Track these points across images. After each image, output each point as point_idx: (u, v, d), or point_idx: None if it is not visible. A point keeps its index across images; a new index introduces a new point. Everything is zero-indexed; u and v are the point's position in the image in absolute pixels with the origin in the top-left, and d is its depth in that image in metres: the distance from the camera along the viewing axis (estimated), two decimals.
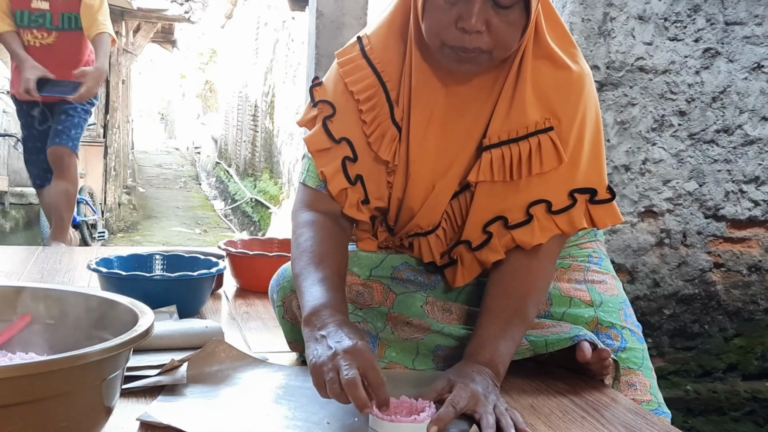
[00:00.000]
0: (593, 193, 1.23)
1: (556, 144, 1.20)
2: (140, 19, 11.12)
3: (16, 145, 8.02)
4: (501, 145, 1.21)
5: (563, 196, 1.22)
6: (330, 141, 1.27)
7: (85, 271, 1.61)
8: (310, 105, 1.32)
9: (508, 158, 1.21)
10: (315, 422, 1.04)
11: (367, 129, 1.26)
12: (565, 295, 1.35)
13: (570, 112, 1.21)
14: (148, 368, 1.19)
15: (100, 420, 0.88)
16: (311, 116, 1.31)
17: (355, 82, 1.26)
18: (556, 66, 1.22)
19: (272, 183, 10.69)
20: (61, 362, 0.77)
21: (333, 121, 1.27)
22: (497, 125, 1.22)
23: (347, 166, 1.26)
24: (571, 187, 1.22)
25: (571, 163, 1.21)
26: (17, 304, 1.03)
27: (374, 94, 1.25)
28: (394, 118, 1.25)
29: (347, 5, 2.57)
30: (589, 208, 1.23)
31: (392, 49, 1.26)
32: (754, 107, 3.05)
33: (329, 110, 1.28)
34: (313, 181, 1.31)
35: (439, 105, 1.23)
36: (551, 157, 1.20)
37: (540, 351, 1.24)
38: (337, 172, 1.26)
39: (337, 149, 1.27)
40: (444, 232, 1.29)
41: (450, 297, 1.35)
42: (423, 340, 1.28)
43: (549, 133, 1.20)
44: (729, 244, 3.09)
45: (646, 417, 1.16)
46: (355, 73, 1.26)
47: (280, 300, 1.32)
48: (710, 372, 3.10)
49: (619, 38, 2.88)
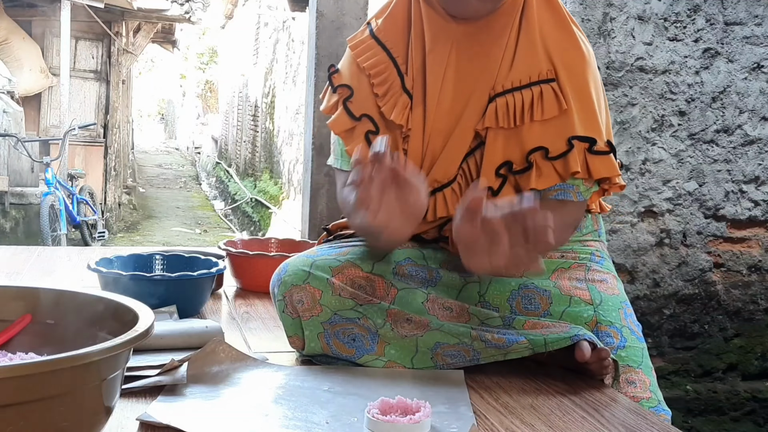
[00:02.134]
0: (592, 143, 1.28)
1: (557, 93, 1.27)
2: (140, 20, 11.12)
3: (16, 145, 8.03)
4: (506, 94, 1.29)
5: (561, 142, 1.28)
6: (352, 120, 1.37)
7: (85, 271, 1.61)
8: (331, 92, 1.42)
9: (512, 105, 1.29)
10: (315, 422, 1.04)
11: (380, 101, 1.35)
12: (566, 293, 1.35)
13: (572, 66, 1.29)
14: (148, 368, 1.19)
15: (100, 420, 0.88)
16: (333, 102, 1.41)
17: (366, 59, 1.37)
18: (561, 22, 1.31)
19: (272, 183, 10.70)
20: (61, 362, 0.77)
21: (352, 101, 1.38)
22: (503, 74, 1.30)
23: (371, 139, 1.35)
24: (568, 135, 1.28)
25: (570, 113, 1.28)
26: (17, 304, 1.03)
27: (384, 69, 1.36)
28: (405, 87, 1.34)
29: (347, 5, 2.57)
30: (586, 157, 1.29)
31: (399, 26, 1.37)
32: (754, 107, 3.05)
33: (347, 92, 1.38)
34: (347, 164, 1.40)
35: (451, 61, 1.33)
36: (552, 105, 1.27)
37: (539, 350, 1.24)
38: (361, 151, 1.32)
39: (360, 126, 1.37)
40: (459, 186, 1.35)
41: (451, 294, 1.35)
42: (422, 337, 1.28)
43: (551, 84, 1.28)
44: (729, 244, 3.09)
45: (646, 417, 1.16)
46: (366, 53, 1.37)
47: (281, 294, 1.33)
48: (710, 372, 3.10)
49: (618, 38, 2.88)
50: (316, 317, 1.27)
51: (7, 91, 8.57)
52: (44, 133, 9.92)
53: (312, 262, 1.30)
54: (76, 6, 9.28)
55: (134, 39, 11.35)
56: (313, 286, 1.27)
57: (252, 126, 12.67)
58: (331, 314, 1.27)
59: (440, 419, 1.06)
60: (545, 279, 1.36)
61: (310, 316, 1.29)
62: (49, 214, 7.27)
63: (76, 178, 8.53)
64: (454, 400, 1.14)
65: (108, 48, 10.60)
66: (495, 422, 1.08)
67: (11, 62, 9.22)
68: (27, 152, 8.02)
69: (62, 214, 7.56)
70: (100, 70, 10.62)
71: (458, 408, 1.11)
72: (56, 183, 7.71)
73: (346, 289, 1.28)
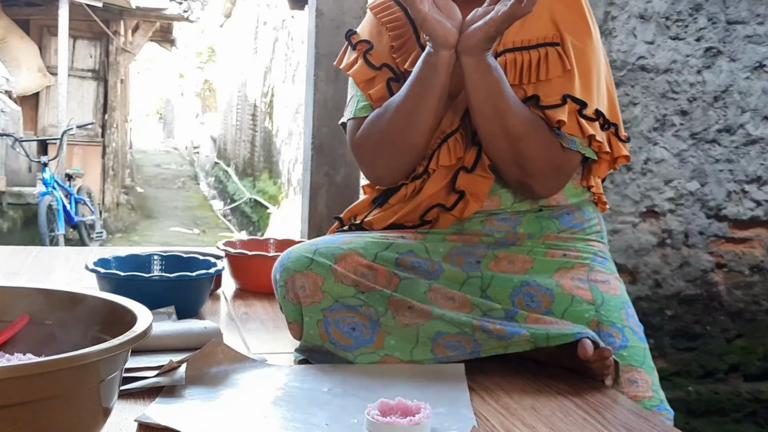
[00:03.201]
0: (583, 106, 1.34)
1: (561, 56, 1.34)
2: (139, 18, 11.13)
3: (13, 145, 8.02)
4: (514, 51, 1.36)
5: (555, 97, 1.34)
6: (372, 70, 1.45)
7: (83, 271, 1.61)
8: (351, 50, 1.49)
9: (519, 62, 1.36)
10: (314, 424, 1.04)
11: (395, 53, 1.44)
12: (567, 293, 1.35)
13: (576, 36, 1.36)
14: (146, 369, 1.18)
15: (99, 421, 0.87)
16: (352, 58, 1.48)
17: (385, 15, 1.47)
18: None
19: (271, 183, 10.70)
20: (59, 363, 0.76)
21: (372, 54, 1.46)
22: (512, 32, 1.36)
23: (392, 87, 1.42)
24: (564, 92, 1.33)
25: (572, 75, 1.33)
26: (15, 305, 1.03)
27: (402, 25, 1.45)
28: (419, 41, 1.42)
29: (347, 4, 2.56)
30: (578, 118, 1.34)
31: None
32: (756, 107, 3.05)
33: (367, 46, 1.46)
34: (363, 111, 1.46)
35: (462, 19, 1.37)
36: (556, 66, 1.34)
37: (541, 344, 1.24)
38: (384, 92, 1.43)
39: (380, 75, 1.44)
40: (462, 136, 1.40)
41: (453, 287, 1.35)
42: (424, 326, 1.28)
43: (556, 47, 1.35)
44: (731, 244, 3.09)
45: (648, 418, 1.16)
46: (386, 11, 1.48)
47: (282, 280, 1.33)
48: (712, 373, 3.10)
49: (620, 37, 2.87)
50: (317, 304, 1.28)
51: (4, 90, 8.57)
52: (42, 132, 9.93)
53: (315, 249, 1.32)
54: (74, 5, 9.28)
55: (132, 38, 11.36)
56: (316, 272, 1.28)
57: (251, 125, 12.68)
58: (332, 301, 1.28)
59: (440, 421, 1.05)
60: (548, 278, 1.36)
61: (311, 303, 1.30)
62: (46, 214, 7.28)
63: (74, 177, 8.53)
64: (454, 401, 1.14)
65: (106, 47, 10.60)
66: (496, 424, 1.08)
67: (9, 61, 9.22)
68: (25, 152, 8.02)
69: (60, 214, 7.56)
70: (98, 70, 10.63)
71: (459, 409, 1.11)
72: (54, 183, 7.71)
73: (349, 276, 1.28)
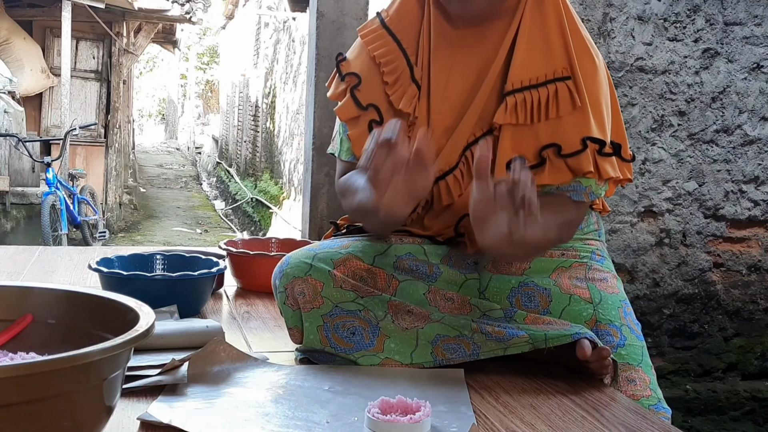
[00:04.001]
0: (602, 145, 1.31)
1: (572, 91, 1.30)
2: (141, 20, 11.12)
3: (17, 145, 8.03)
4: (523, 90, 1.31)
5: (575, 141, 1.30)
6: (358, 109, 1.39)
7: (86, 270, 1.62)
8: (338, 79, 1.43)
9: (529, 102, 1.30)
10: (315, 422, 1.04)
11: (389, 89, 1.37)
12: (565, 292, 1.36)
13: (584, 68, 1.31)
14: (148, 368, 1.19)
15: (101, 420, 0.88)
16: (341, 90, 1.42)
17: (377, 48, 1.39)
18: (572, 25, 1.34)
19: (273, 183, 10.69)
20: (62, 362, 0.77)
21: (360, 90, 1.40)
22: (518, 71, 1.32)
23: (374, 129, 1.35)
24: (583, 134, 1.30)
25: (585, 113, 1.30)
26: (18, 304, 1.03)
27: (395, 59, 1.38)
28: (414, 77, 1.37)
29: (348, 6, 2.57)
30: (596, 158, 1.31)
31: (409, 16, 1.40)
32: (754, 107, 3.05)
33: (355, 80, 1.40)
34: (346, 154, 1.43)
35: (458, 57, 1.35)
36: (567, 102, 1.29)
37: (539, 345, 1.24)
38: (363, 134, 1.38)
39: (365, 115, 1.39)
40: (462, 174, 1.36)
41: (452, 288, 1.36)
42: (423, 329, 1.28)
43: (566, 82, 1.30)
44: (729, 243, 3.09)
45: (646, 416, 1.16)
46: (377, 42, 1.40)
47: (282, 286, 1.33)
48: (710, 372, 3.10)
49: (618, 38, 2.88)
50: (316, 309, 1.27)
51: (8, 91, 8.57)
52: (45, 133, 9.93)
53: (314, 254, 1.31)
54: (77, 6, 9.28)
55: (135, 39, 11.34)
56: (315, 278, 1.28)
57: (252, 126, 12.66)
58: (332, 306, 1.28)
59: (440, 419, 1.06)
60: (545, 277, 1.37)
61: (310, 308, 1.30)
62: (50, 213, 7.28)
63: (77, 178, 8.53)
64: (454, 399, 1.15)
65: (109, 48, 10.60)
66: (495, 422, 1.09)
67: (12, 62, 9.22)
68: (28, 152, 8.03)
69: (63, 213, 7.56)
70: (101, 71, 10.63)
71: (458, 407, 1.11)
72: (57, 183, 7.71)
73: (348, 281, 1.28)
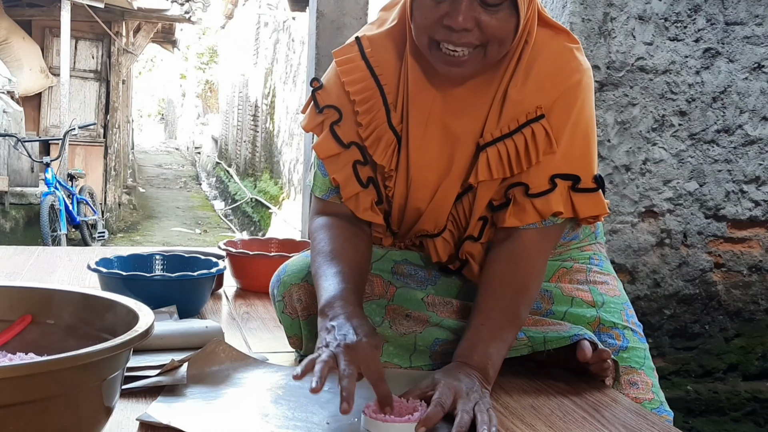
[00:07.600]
0: (576, 181, 1.22)
1: (547, 131, 1.20)
2: (140, 20, 11.12)
3: (16, 145, 8.02)
4: (496, 142, 1.21)
5: (543, 180, 1.21)
6: (339, 147, 1.27)
7: (85, 271, 1.61)
8: (315, 110, 1.30)
9: (504, 154, 1.21)
10: (315, 422, 1.04)
11: (362, 132, 1.26)
12: (567, 294, 1.35)
13: (567, 97, 1.21)
14: (148, 368, 1.19)
15: (100, 420, 0.88)
16: (318, 122, 1.29)
17: (353, 82, 1.26)
18: (559, 48, 1.23)
19: (272, 183, 10.70)
20: (61, 362, 0.77)
21: (340, 125, 1.27)
22: (492, 123, 1.22)
23: (358, 170, 1.27)
24: (552, 173, 1.21)
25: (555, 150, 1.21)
26: (17, 304, 1.03)
27: (371, 97, 1.25)
28: (391, 122, 1.25)
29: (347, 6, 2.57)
30: (571, 195, 1.22)
31: (391, 54, 1.26)
32: (755, 107, 3.05)
33: (335, 115, 1.27)
34: (320, 191, 1.33)
35: (436, 108, 1.23)
36: (544, 144, 1.20)
37: (538, 348, 1.24)
38: (349, 177, 1.27)
39: (347, 154, 1.27)
40: (450, 234, 1.30)
41: (450, 293, 1.35)
42: (421, 334, 1.28)
43: (541, 121, 1.20)
44: (729, 244, 3.09)
45: (647, 417, 1.16)
46: (353, 74, 1.26)
47: (280, 295, 1.33)
48: (711, 372, 3.10)
49: (619, 38, 2.88)
50: (314, 316, 1.25)
51: (7, 91, 8.56)
52: (44, 133, 9.92)
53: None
54: (76, 6, 9.28)
55: (134, 39, 11.34)
56: (312, 283, 1.27)
57: (252, 126, 12.67)
58: None
59: None
60: (546, 281, 1.36)
61: (308, 315, 1.29)
62: (49, 214, 7.27)
63: (76, 178, 8.53)
64: None
65: (108, 48, 10.60)
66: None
67: (11, 62, 9.22)
68: (27, 152, 8.02)
69: (62, 214, 7.56)
70: (100, 70, 10.62)
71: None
72: (56, 183, 7.71)
73: None
